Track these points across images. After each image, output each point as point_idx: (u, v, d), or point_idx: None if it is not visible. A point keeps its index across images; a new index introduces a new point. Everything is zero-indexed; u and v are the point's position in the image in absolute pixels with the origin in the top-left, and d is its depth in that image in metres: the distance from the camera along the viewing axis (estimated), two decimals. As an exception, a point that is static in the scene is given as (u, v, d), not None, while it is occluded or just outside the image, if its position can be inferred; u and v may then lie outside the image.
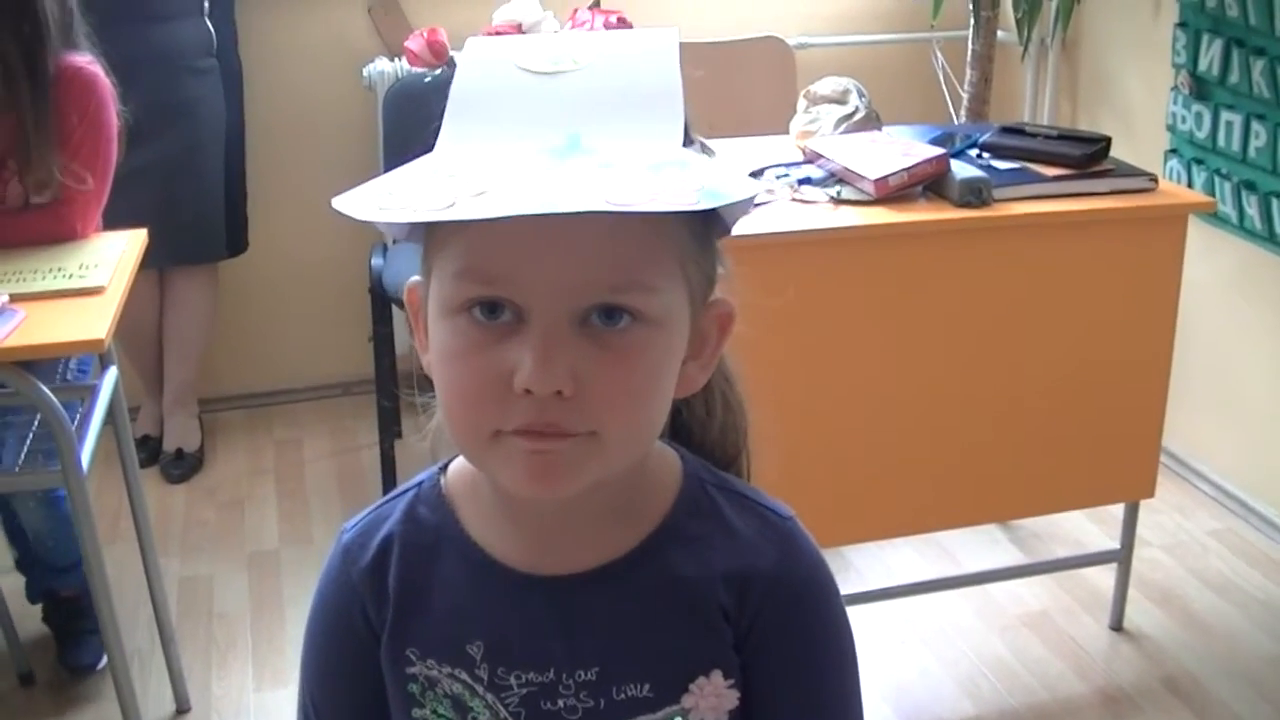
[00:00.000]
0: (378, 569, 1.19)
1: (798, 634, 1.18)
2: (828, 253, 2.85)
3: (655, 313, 1.04)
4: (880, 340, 2.91)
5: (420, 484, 1.23)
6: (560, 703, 1.15)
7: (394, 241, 4.06)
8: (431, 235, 1.07)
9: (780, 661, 1.18)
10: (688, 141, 1.05)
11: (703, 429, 1.25)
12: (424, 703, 1.18)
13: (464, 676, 1.16)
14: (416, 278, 1.12)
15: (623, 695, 1.15)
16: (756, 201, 2.81)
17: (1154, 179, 3.06)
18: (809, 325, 2.83)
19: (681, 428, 1.25)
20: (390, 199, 0.97)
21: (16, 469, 2.76)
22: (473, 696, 1.16)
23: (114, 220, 2.98)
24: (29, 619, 3.35)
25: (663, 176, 0.97)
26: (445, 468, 1.23)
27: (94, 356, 2.94)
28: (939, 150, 2.99)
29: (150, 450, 4.29)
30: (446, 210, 0.94)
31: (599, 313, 1.01)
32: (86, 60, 2.88)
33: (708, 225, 1.09)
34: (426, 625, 1.17)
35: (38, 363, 2.78)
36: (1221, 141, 3.75)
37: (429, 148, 1.05)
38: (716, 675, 1.16)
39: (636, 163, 0.98)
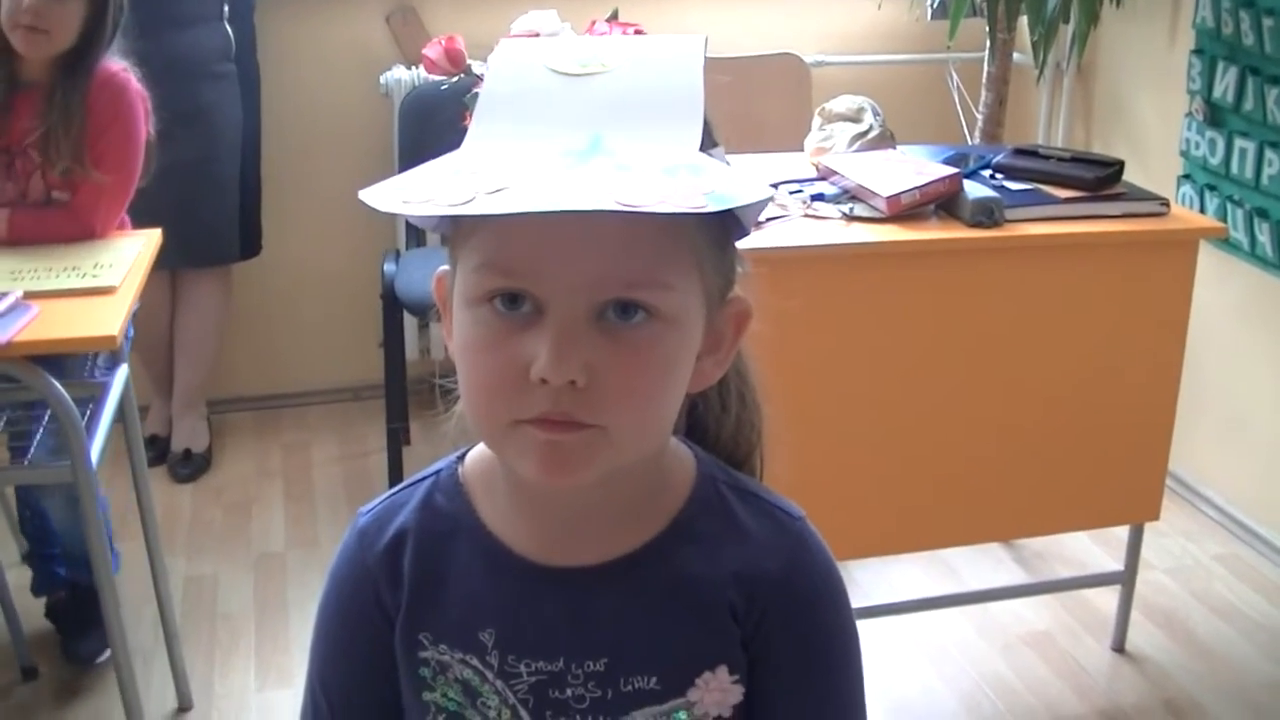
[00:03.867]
0: (393, 552, 1.21)
1: (804, 635, 1.21)
2: (839, 269, 2.86)
3: (670, 310, 1.06)
4: (888, 357, 2.92)
5: (438, 473, 1.25)
6: (569, 692, 1.17)
7: (411, 246, 4.06)
8: (457, 229, 1.09)
9: (786, 661, 1.20)
10: (707, 146, 1.06)
11: (718, 425, 1.27)
12: (435, 687, 1.20)
13: (475, 663, 1.18)
14: (445, 267, 1.15)
15: (630, 686, 1.17)
16: (769, 215, 2.84)
17: (1165, 203, 3.07)
18: (818, 341, 2.84)
19: (697, 423, 1.28)
20: (413, 193, 1.00)
21: (27, 463, 2.78)
22: (483, 683, 1.18)
23: (130, 221, 3.00)
24: (33, 614, 3.36)
25: (675, 180, 1.00)
26: (462, 457, 1.25)
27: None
28: (951, 170, 3.00)
29: (158, 450, 4.30)
30: (464, 205, 0.97)
31: (615, 308, 1.04)
32: (120, 67, 2.93)
33: (724, 226, 1.11)
34: (440, 611, 1.19)
35: (65, 363, 2.82)
36: (1235, 168, 3.76)
37: (454, 149, 1.07)
38: (722, 671, 1.18)
39: (652, 165, 1.01)
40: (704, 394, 1.24)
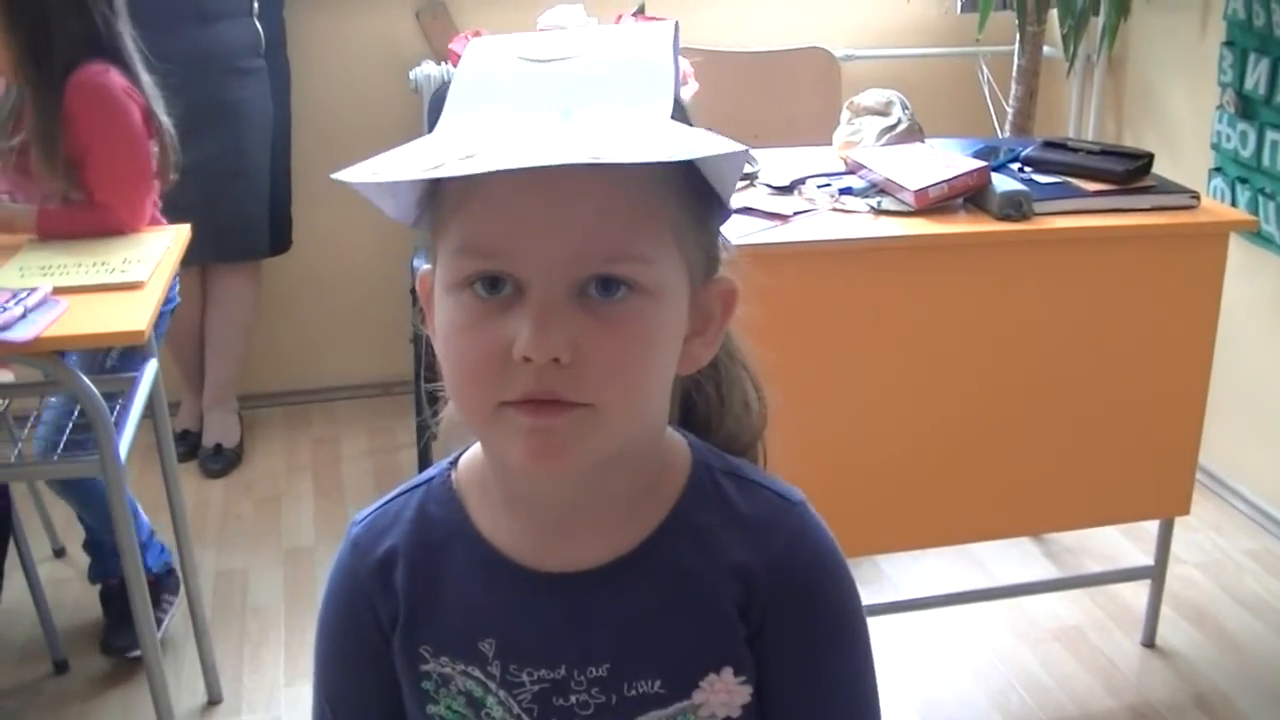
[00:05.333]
0: (386, 565, 1.20)
1: (809, 622, 1.18)
2: (867, 262, 2.85)
3: (651, 284, 1.05)
4: (916, 350, 2.91)
5: (430, 480, 1.24)
6: (573, 699, 1.16)
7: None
8: (436, 217, 1.09)
9: (792, 649, 1.18)
10: (677, 116, 1.05)
11: (718, 415, 1.26)
12: (438, 699, 1.19)
13: (477, 674, 1.17)
14: (427, 266, 1.14)
15: (634, 691, 1.15)
16: (797, 210, 2.84)
17: (1195, 196, 3.05)
18: (847, 334, 2.84)
19: (696, 415, 1.26)
20: (382, 166, 0.99)
21: (56, 458, 2.79)
22: (486, 693, 1.17)
23: (160, 216, 3.02)
24: (65, 608, 3.39)
25: (645, 136, 0.99)
26: (455, 462, 1.24)
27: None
28: (980, 163, 2.99)
29: (189, 445, 4.33)
30: (433, 170, 0.96)
31: (596, 284, 1.03)
32: (99, 69, 2.91)
33: (701, 199, 1.10)
34: (439, 623, 1.18)
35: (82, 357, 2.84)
36: (1266, 160, 3.74)
37: None
38: (727, 672, 1.16)
39: (625, 129, 1.00)
40: (700, 386, 1.24)
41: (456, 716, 1.19)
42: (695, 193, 1.08)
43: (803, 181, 3.04)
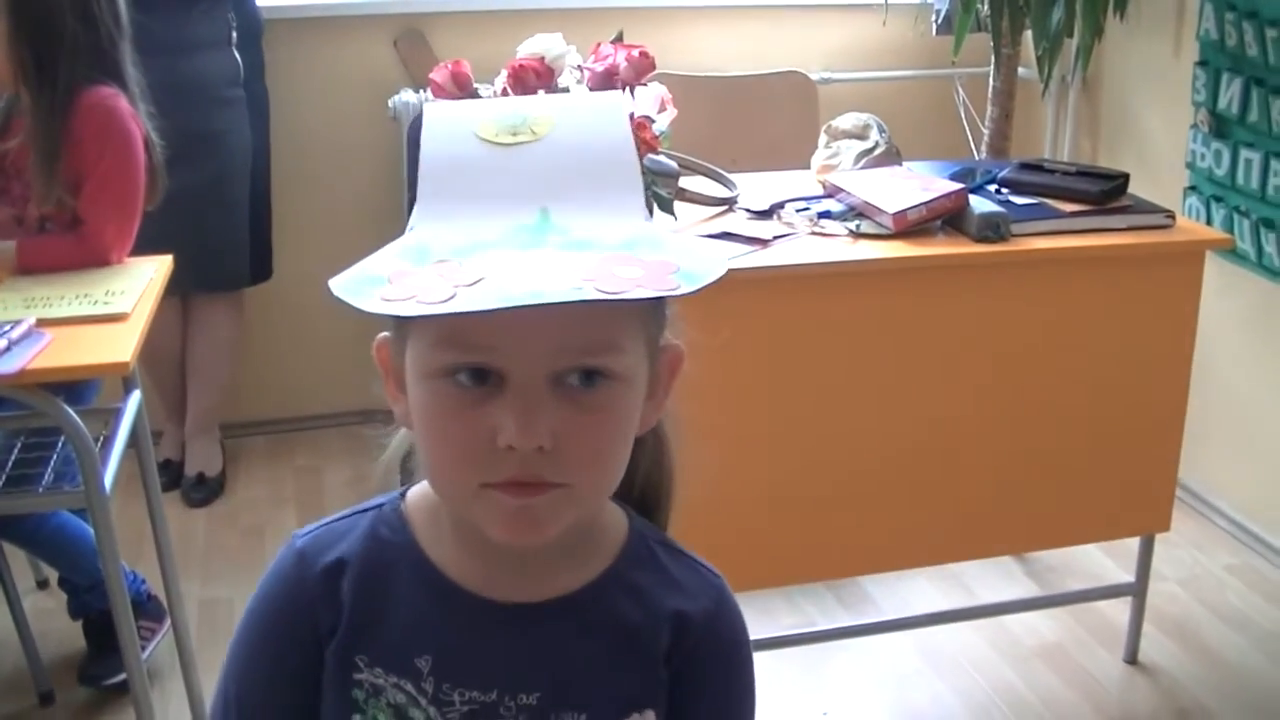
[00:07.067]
0: (333, 575, 1.23)
1: (723, 676, 1.28)
2: (846, 286, 2.87)
3: (624, 370, 1.11)
4: (896, 373, 2.93)
5: (381, 505, 1.28)
6: None
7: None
8: None
9: (702, 699, 1.26)
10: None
11: (629, 478, 1.27)
12: (365, 709, 1.21)
13: (409, 688, 1.20)
14: (385, 334, 1.21)
15: None
16: (776, 234, 2.86)
17: (1171, 215, 3.08)
18: (827, 357, 2.86)
19: None
20: (392, 290, 1.03)
21: (41, 490, 2.79)
22: (415, 708, 1.20)
23: (140, 246, 3.01)
24: (51, 638, 3.38)
25: (642, 260, 1.04)
26: (404, 494, 1.28)
27: (97, 381, 3.00)
28: (957, 185, 3.01)
29: (172, 475, 4.31)
30: (448, 303, 0.99)
31: (577, 375, 1.08)
32: (110, 92, 2.91)
33: None
34: (379, 636, 1.21)
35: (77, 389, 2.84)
36: (1240, 179, 3.77)
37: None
38: (649, 715, 1.23)
39: (610, 241, 1.06)
40: None
41: None
42: None
43: (781, 205, 3.06)
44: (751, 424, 2.83)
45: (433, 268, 1.03)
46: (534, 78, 2.74)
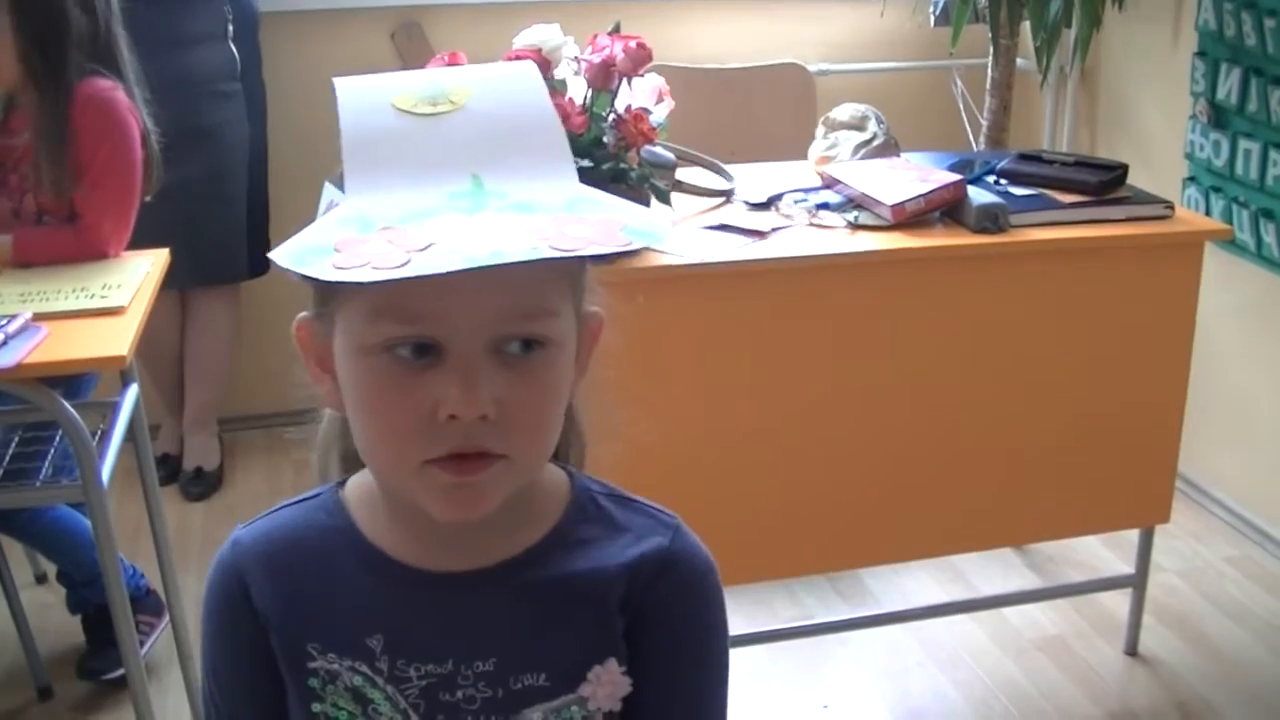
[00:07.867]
0: (269, 559, 1.24)
1: (680, 621, 1.25)
2: (844, 277, 2.87)
3: (559, 335, 1.11)
4: (894, 365, 2.92)
5: (319, 494, 1.28)
6: (459, 693, 1.20)
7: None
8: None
9: (660, 645, 1.23)
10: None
11: None
12: (324, 697, 1.21)
13: (364, 669, 1.20)
14: (304, 314, 1.20)
15: (520, 684, 1.20)
16: (774, 226, 2.85)
17: (1170, 206, 3.07)
18: (826, 349, 2.85)
19: None
20: (343, 258, 1.01)
21: (38, 484, 2.78)
22: (373, 688, 1.20)
23: (138, 241, 3.00)
24: (48, 634, 3.38)
25: (588, 219, 1.04)
26: (342, 484, 1.28)
27: (94, 375, 3.00)
28: (956, 176, 3.00)
29: (169, 468, 4.31)
30: (405, 267, 0.98)
31: (517, 343, 1.08)
32: (109, 85, 2.91)
33: None
34: (327, 622, 1.21)
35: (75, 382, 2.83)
36: (1239, 169, 3.76)
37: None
38: (611, 663, 1.21)
39: (553, 203, 1.05)
40: None
41: (343, 714, 1.22)
42: None
43: (779, 197, 3.05)
44: (749, 416, 2.82)
45: (379, 234, 1.02)
46: (531, 70, 2.73)
